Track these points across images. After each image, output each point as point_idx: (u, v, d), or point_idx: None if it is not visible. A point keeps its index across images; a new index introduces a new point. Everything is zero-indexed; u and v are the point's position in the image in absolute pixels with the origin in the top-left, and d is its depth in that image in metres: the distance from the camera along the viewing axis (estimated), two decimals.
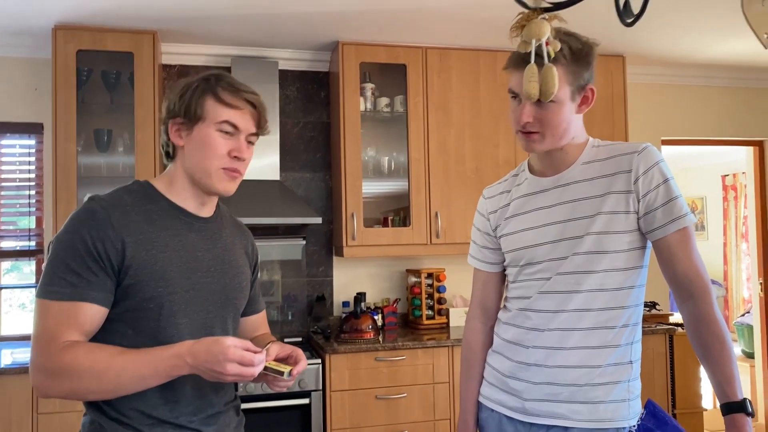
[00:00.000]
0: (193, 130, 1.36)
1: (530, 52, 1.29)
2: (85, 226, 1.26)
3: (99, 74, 3.31)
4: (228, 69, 3.53)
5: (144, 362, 1.21)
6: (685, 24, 3.43)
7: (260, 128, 1.41)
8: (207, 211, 1.44)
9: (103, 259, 1.25)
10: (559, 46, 1.32)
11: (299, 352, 1.39)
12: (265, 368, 1.28)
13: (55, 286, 1.23)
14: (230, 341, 1.19)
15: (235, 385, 1.55)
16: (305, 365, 1.38)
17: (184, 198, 1.40)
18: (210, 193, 1.40)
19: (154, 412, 1.30)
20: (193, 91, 1.35)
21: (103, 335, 1.29)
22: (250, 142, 1.40)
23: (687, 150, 5.89)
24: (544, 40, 1.25)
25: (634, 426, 1.21)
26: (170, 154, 1.42)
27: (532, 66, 1.29)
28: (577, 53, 1.43)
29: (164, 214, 1.37)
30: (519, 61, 1.40)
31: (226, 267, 1.43)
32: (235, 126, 1.35)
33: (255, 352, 1.21)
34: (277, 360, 1.35)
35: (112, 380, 1.20)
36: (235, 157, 1.36)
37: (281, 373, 1.29)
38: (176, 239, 1.35)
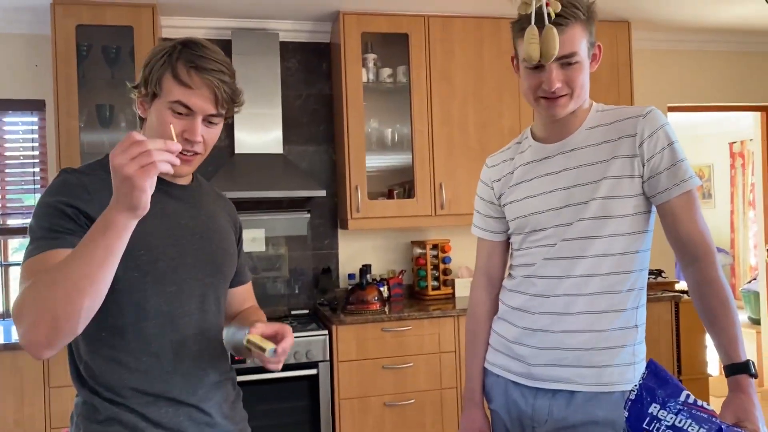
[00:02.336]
0: (152, 105, 1.28)
1: (531, 14, 1.27)
2: (57, 195, 1.20)
3: (99, 49, 3.28)
4: (228, 42, 3.51)
5: (80, 242, 1.07)
6: None
7: (219, 110, 1.29)
8: (183, 179, 1.39)
9: (81, 220, 1.18)
10: (559, 6, 1.30)
11: (286, 329, 1.29)
12: (249, 342, 1.23)
13: (34, 245, 1.16)
14: (111, 154, 1.03)
15: (231, 358, 1.50)
16: (292, 342, 1.28)
17: None
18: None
19: (149, 389, 1.25)
20: (155, 63, 1.27)
21: None
22: (211, 122, 1.29)
23: (694, 118, 5.84)
24: (544, 1, 1.23)
25: (636, 386, 1.21)
26: (141, 119, 1.36)
27: (533, 27, 1.27)
28: (590, 9, 1.43)
29: None
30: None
31: (212, 234, 1.38)
32: (187, 107, 1.25)
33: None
34: (265, 338, 1.27)
35: (63, 277, 1.04)
36: (186, 138, 1.26)
37: (263, 350, 1.22)
38: (157, 207, 1.25)
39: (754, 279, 5.83)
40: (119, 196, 1.02)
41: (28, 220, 1.22)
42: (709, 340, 3.57)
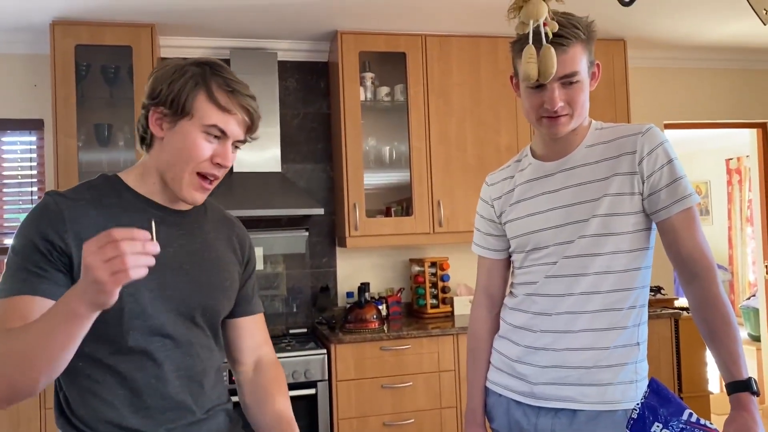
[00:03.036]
0: (176, 124, 1.21)
1: (528, 33, 1.28)
2: (34, 223, 1.17)
3: (98, 69, 3.30)
4: (227, 61, 3.52)
5: (42, 318, 1.04)
6: (686, 6, 3.41)
7: (247, 136, 1.28)
8: (183, 204, 1.31)
9: (53, 256, 1.14)
10: (557, 26, 1.31)
11: None
12: None
13: (5, 284, 1.14)
14: (85, 245, 0.97)
15: (228, 377, 1.43)
16: None
17: (156, 191, 1.27)
18: (177, 198, 1.27)
19: (125, 422, 1.19)
20: (185, 82, 1.21)
21: None
22: (236, 147, 1.27)
23: (690, 134, 5.86)
24: (542, 21, 1.24)
25: (638, 404, 1.20)
26: (145, 140, 1.27)
27: (530, 47, 1.28)
28: (589, 28, 1.43)
29: (130, 207, 1.24)
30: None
31: (204, 264, 1.30)
32: (223, 132, 1.22)
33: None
34: None
35: (20, 351, 1.03)
36: (216, 163, 1.23)
37: None
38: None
39: (753, 295, 5.82)
40: (86, 291, 0.97)
41: None
42: (709, 357, 3.55)
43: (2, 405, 1.07)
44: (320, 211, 3.33)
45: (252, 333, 1.45)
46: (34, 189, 3.46)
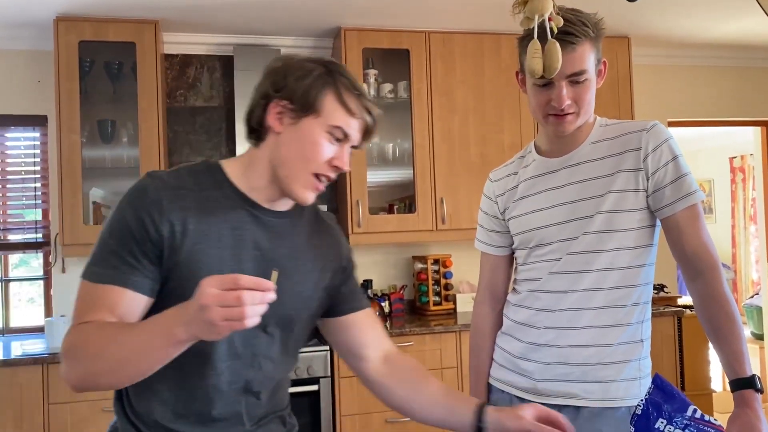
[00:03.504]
0: (300, 121, 1.17)
1: (533, 29, 1.28)
2: (132, 206, 1.14)
3: (101, 65, 3.30)
4: (230, 58, 3.52)
5: (141, 330, 1.05)
6: (691, 3, 3.39)
7: (361, 144, 1.25)
8: (283, 204, 1.26)
9: (147, 246, 1.12)
10: (561, 21, 1.30)
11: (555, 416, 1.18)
12: None
13: (96, 266, 1.12)
14: (206, 280, 0.95)
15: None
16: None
17: (258, 187, 1.22)
18: (285, 195, 1.23)
19: (172, 425, 1.19)
20: (314, 79, 1.17)
21: None
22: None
23: (694, 132, 5.85)
24: (547, 16, 1.24)
25: (642, 400, 1.20)
26: (256, 132, 1.22)
27: (536, 42, 1.28)
28: (597, 26, 1.42)
29: (228, 203, 1.20)
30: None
31: (287, 271, 1.22)
32: (346, 135, 1.20)
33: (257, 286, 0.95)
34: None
35: (113, 355, 1.04)
36: (334, 166, 1.20)
37: None
38: (235, 233, 1.19)
39: (757, 294, 5.81)
40: (194, 323, 0.96)
41: (29, 235, 1.19)
42: (712, 355, 3.54)
43: (78, 392, 1.11)
44: (323, 208, 3.33)
45: (370, 326, 1.40)
46: (38, 185, 3.46)
